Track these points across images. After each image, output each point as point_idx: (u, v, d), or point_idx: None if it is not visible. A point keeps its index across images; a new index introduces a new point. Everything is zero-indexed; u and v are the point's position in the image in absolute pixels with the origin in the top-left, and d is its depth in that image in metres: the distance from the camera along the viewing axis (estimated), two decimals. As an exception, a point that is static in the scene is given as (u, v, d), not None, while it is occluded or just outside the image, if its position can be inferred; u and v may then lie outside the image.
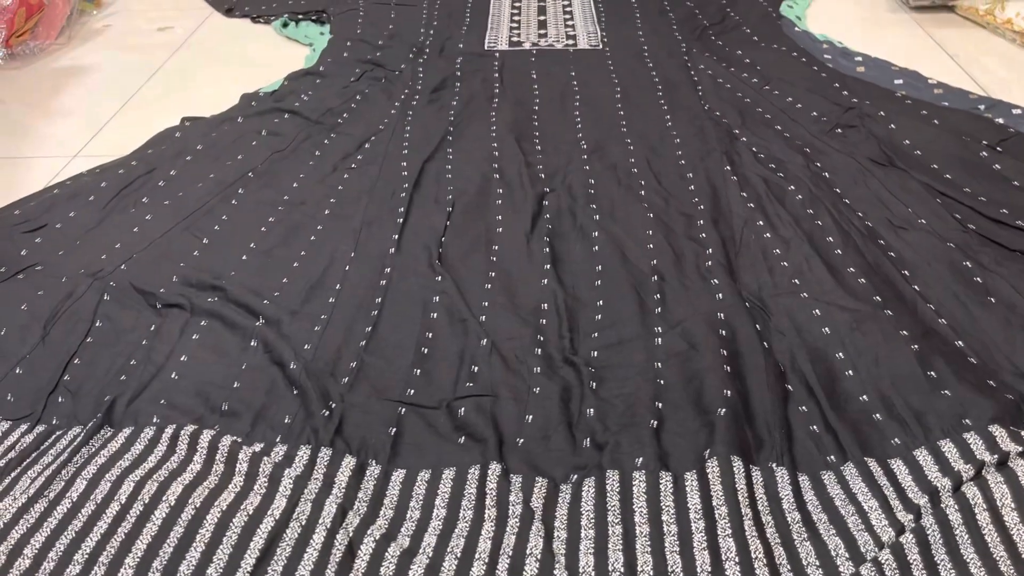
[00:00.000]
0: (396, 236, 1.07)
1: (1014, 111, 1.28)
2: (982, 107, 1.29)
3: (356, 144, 1.31)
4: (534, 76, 1.53)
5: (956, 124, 1.22)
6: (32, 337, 0.94)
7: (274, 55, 1.71)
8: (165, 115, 1.44)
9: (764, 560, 0.65)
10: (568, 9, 1.74)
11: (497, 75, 1.53)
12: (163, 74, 1.68)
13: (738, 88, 1.39)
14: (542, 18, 1.72)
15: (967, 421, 0.74)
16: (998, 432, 0.71)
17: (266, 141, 1.32)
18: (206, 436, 0.79)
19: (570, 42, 1.65)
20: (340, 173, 1.23)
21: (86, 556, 0.69)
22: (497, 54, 1.62)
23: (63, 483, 0.75)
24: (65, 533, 0.70)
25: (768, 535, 0.68)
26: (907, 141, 1.17)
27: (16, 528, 0.71)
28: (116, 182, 1.23)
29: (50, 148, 1.37)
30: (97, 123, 1.45)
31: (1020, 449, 0.69)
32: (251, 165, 1.25)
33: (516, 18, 1.73)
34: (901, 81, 1.38)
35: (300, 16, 1.85)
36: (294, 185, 1.21)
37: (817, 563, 0.66)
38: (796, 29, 1.62)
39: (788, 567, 0.66)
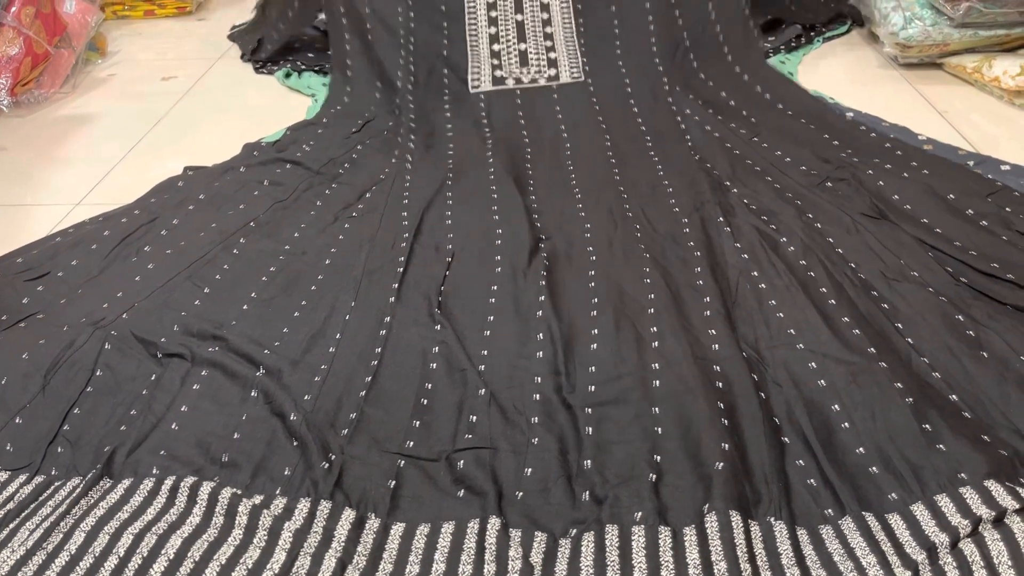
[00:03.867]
0: (396, 285, 1.07)
1: (1003, 167, 1.31)
2: (971, 163, 1.31)
3: (357, 194, 1.32)
4: (522, 122, 1.53)
5: (944, 176, 1.23)
6: (33, 386, 0.94)
7: (277, 105, 1.74)
8: (168, 164, 1.46)
9: None
10: (549, 32, 1.68)
11: (486, 120, 1.53)
12: (167, 123, 1.70)
13: (727, 139, 1.40)
14: (523, 46, 1.67)
15: (963, 475, 0.74)
16: (994, 487, 0.72)
17: (268, 191, 1.33)
18: (206, 488, 0.79)
19: (552, 72, 1.63)
20: (341, 223, 1.24)
21: None
22: (483, 96, 1.61)
23: (62, 535, 0.75)
24: None
25: None
26: (896, 196, 1.18)
27: None
28: (119, 231, 1.24)
29: (53, 196, 1.39)
30: (100, 171, 1.47)
31: (1016, 506, 0.69)
32: (253, 215, 1.26)
33: (496, 46, 1.67)
34: (892, 136, 1.41)
35: (303, 67, 1.88)
36: (295, 235, 1.21)
37: None
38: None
39: None
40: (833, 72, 1.66)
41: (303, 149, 1.46)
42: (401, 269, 1.10)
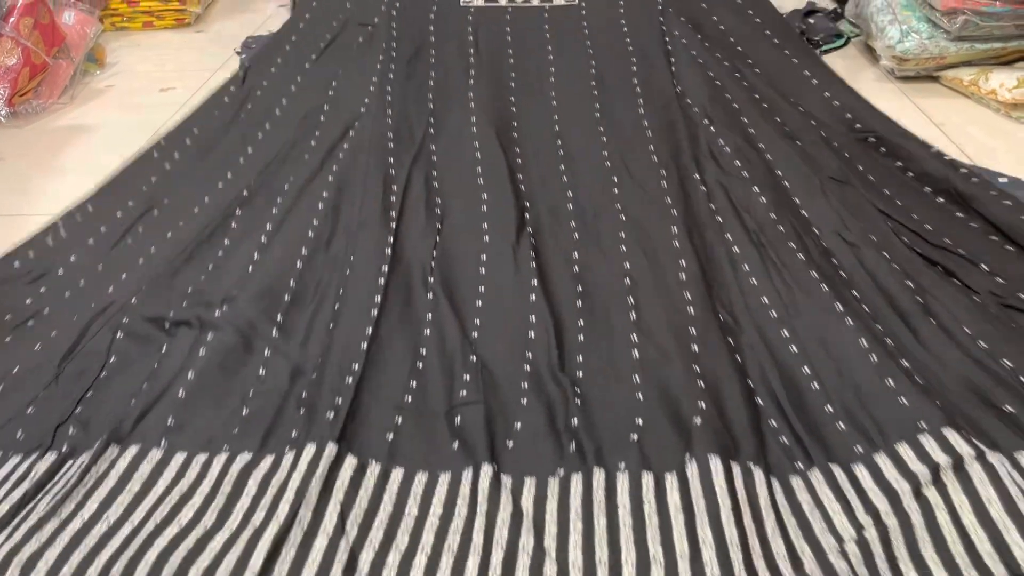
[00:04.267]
0: (389, 251, 1.09)
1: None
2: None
3: (341, 132, 1.30)
4: (509, 43, 1.51)
5: (913, 161, 1.26)
6: (46, 376, 0.95)
7: (275, 116, 1.73)
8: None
9: (739, 545, 0.70)
10: None
11: (472, 39, 1.50)
12: (165, 132, 1.70)
13: (709, 67, 1.40)
14: None
15: (922, 424, 0.79)
16: (951, 435, 0.77)
17: (252, 159, 1.31)
18: (219, 460, 0.83)
19: None
20: (330, 166, 1.24)
21: (99, 569, 0.72)
22: (472, 10, 1.57)
23: (74, 504, 0.78)
24: (78, 550, 0.74)
25: (745, 524, 0.72)
26: (860, 167, 1.21)
27: (28, 545, 0.74)
28: (115, 225, 1.23)
29: (50, 206, 1.38)
30: (97, 181, 1.46)
31: (973, 453, 0.74)
32: (244, 183, 1.25)
33: None
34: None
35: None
36: (285, 187, 1.22)
37: (786, 556, 0.71)
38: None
39: (760, 554, 0.71)
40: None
41: (281, 104, 1.42)
42: (392, 236, 1.11)
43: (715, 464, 0.76)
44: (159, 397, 0.90)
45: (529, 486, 0.79)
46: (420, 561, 0.73)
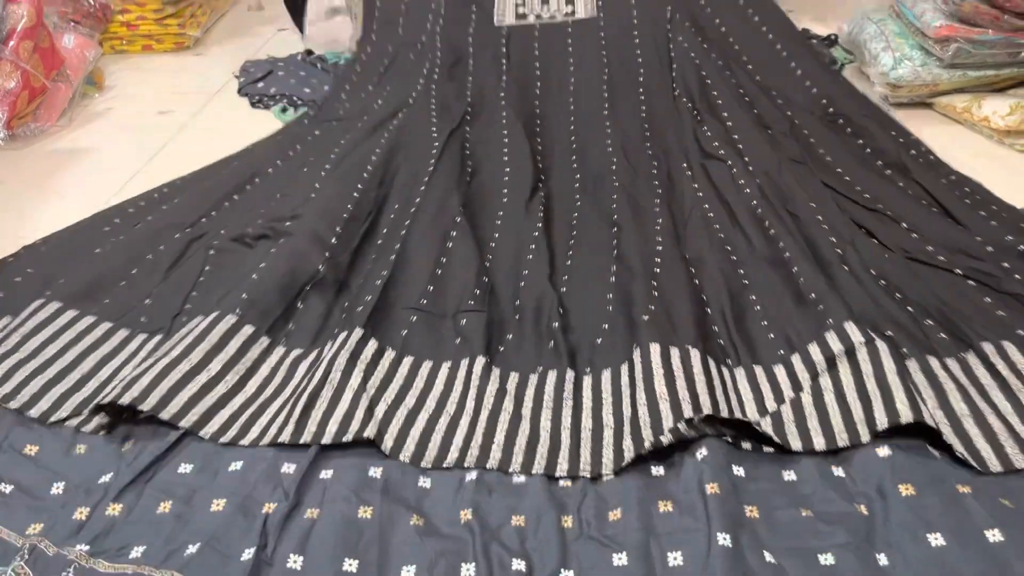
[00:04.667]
0: (427, 178, 1.34)
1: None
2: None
3: (392, 111, 1.55)
4: (536, 55, 1.74)
5: (871, 135, 1.46)
6: (156, 278, 1.20)
7: (272, 140, 1.74)
8: (164, 198, 1.45)
9: (667, 399, 0.90)
10: None
11: (504, 51, 1.74)
12: (163, 157, 1.71)
13: (704, 66, 1.60)
14: None
15: (829, 321, 1.00)
16: (849, 327, 0.97)
17: (318, 138, 1.58)
18: (277, 352, 1.06)
19: (569, 9, 1.80)
20: (380, 134, 1.48)
21: (187, 396, 0.96)
22: (504, 29, 1.79)
23: (165, 347, 1.03)
24: (167, 379, 0.96)
25: (677, 385, 0.91)
26: (822, 149, 1.42)
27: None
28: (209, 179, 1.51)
29: (48, 229, 1.38)
30: (95, 205, 1.47)
31: (863, 339, 0.95)
32: (305, 151, 1.51)
33: None
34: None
35: (299, 102, 1.89)
36: (341, 142, 1.47)
37: (711, 407, 0.89)
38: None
39: (688, 402, 0.89)
40: (825, 111, 1.68)
41: (345, 106, 1.69)
42: (431, 168, 1.36)
43: (654, 348, 0.96)
44: (241, 280, 1.13)
45: (513, 377, 1.00)
46: (423, 417, 0.94)
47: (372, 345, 1.03)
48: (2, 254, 1.31)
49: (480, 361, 1.00)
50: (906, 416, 0.85)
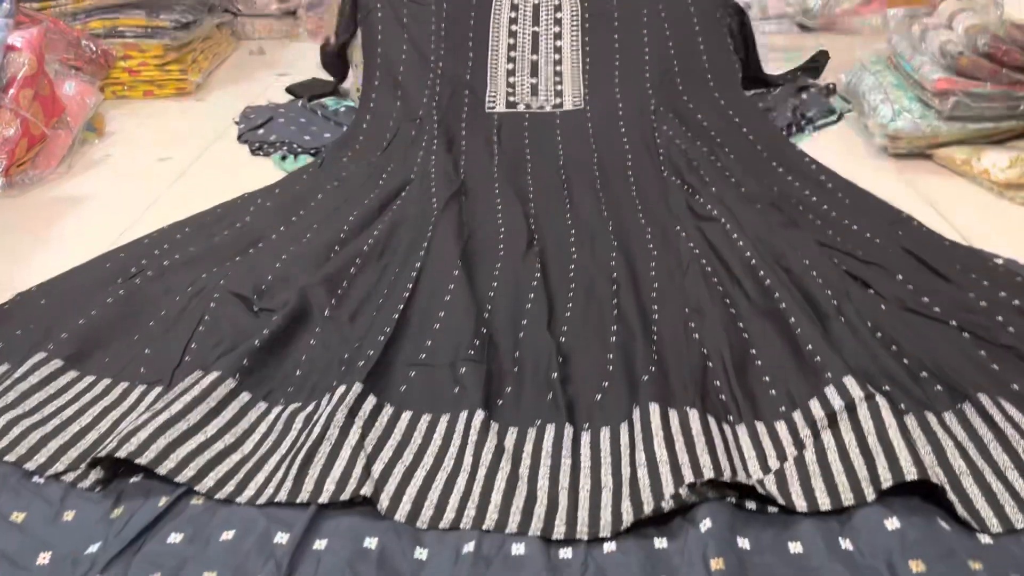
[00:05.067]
0: (426, 244, 1.37)
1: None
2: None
3: (396, 189, 1.60)
4: (527, 141, 1.82)
5: (858, 209, 1.47)
6: (157, 329, 1.21)
7: (271, 188, 1.73)
8: (161, 248, 1.44)
9: (667, 462, 0.89)
10: (559, 70, 1.96)
11: (496, 136, 1.81)
12: (161, 204, 1.70)
13: (690, 152, 1.66)
14: (534, 81, 1.95)
15: (828, 375, 1.00)
16: (848, 381, 0.97)
17: (321, 201, 1.58)
18: (275, 410, 1.05)
19: (557, 101, 1.92)
20: (385, 213, 1.52)
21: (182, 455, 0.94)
22: (496, 116, 1.88)
23: (164, 404, 1.01)
24: (164, 436, 0.95)
25: (676, 447, 0.91)
26: (811, 216, 1.45)
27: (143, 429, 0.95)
28: (205, 235, 1.49)
29: (44, 278, 1.37)
30: (92, 253, 1.45)
31: (863, 395, 0.95)
32: (311, 219, 1.51)
33: (512, 79, 1.95)
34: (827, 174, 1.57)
35: (299, 150, 1.89)
36: (350, 218, 1.48)
37: (711, 468, 0.87)
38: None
39: (688, 465, 0.88)
40: (825, 162, 1.68)
41: (349, 168, 1.72)
42: (425, 243, 1.38)
43: (653, 407, 0.96)
44: (241, 342, 1.13)
45: (511, 432, 0.99)
46: (420, 473, 0.94)
47: (371, 401, 1.03)
48: (-3, 304, 1.30)
49: (479, 415, 1.00)
50: (910, 474, 0.85)
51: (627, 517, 0.86)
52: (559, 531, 0.86)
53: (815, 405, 0.98)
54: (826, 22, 2.73)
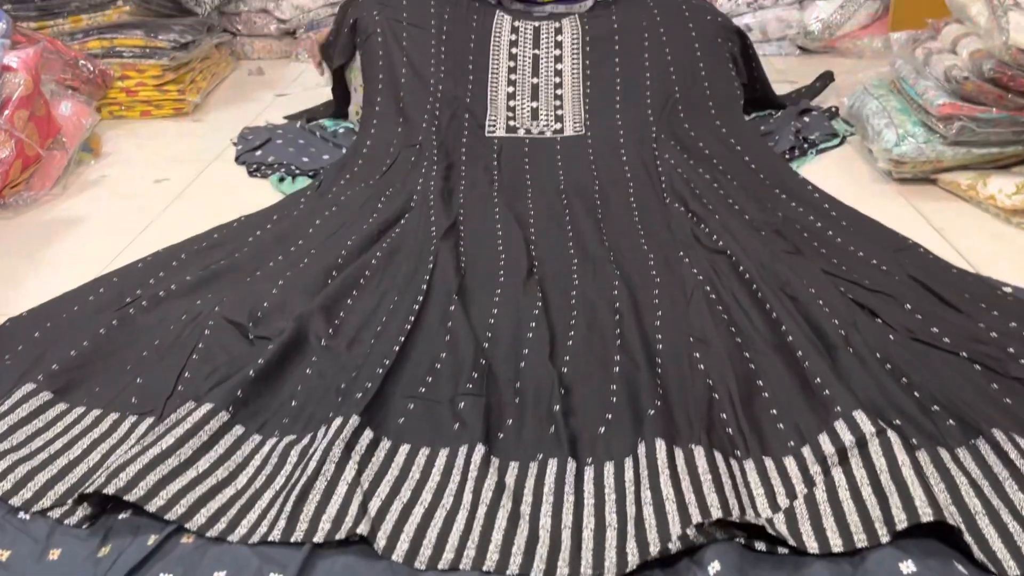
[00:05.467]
0: (427, 276, 1.34)
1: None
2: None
3: (395, 215, 1.57)
4: (527, 166, 1.79)
5: (863, 235, 1.45)
6: (151, 358, 1.18)
7: (269, 210, 1.71)
8: (155, 272, 1.41)
9: (674, 500, 0.86)
10: (559, 94, 1.94)
11: (496, 162, 1.79)
12: (157, 225, 1.68)
13: (692, 180, 1.64)
14: (534, 105, 1.93)
15: (838, 409, 0.97)
16: (859, 416, 0.95)
17: (318, 227, 1.55)
18: (269, 443, 1.02)
19: (558, 126, 1.90)
20: (383, 240, 1.48)
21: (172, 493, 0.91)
22: (496, 140, 1.87)
23: (155, 437, 0.98)
24: (154, 472, 0.92)
25: (682, 485, 0.88)
26: (815, 243, 1.42)
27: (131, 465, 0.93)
28: (197, 265, 1.44)
29: (37, 301, 1.35)
30: (87, 276, 1.43)
31: (874, 430, 0.92)
32: (309, 245, 1.48)
33: (512, 103, 1.93)
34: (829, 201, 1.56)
35: (297, 171, 1.87)
36: (348, 243, 1.45)
37: (719, 507, 0.85)
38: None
39: (695, 504, 0.85)
40: (828, 186, 1.66)
41: (346, 193, 1.69)
42: (428, 276, 1.35)
43: (659, 443, 0.94)
44: (236, 371, 1.11)
45: (513, 467, 0.97)
46: (418, 511, 0.91)
47: (368, 435, 1.00)
48: (-13, 330, 1.28)
49: (479, 450, 0.97)
50: (926, 515, 0.82)
51: (632, 559, 0.83)
52: (562, 572, 0.84)
53: (825, 440, 0.96)
54: (827, 45, 2.73)
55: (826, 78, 2.28)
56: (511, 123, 1.91)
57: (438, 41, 1.97)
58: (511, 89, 1.94)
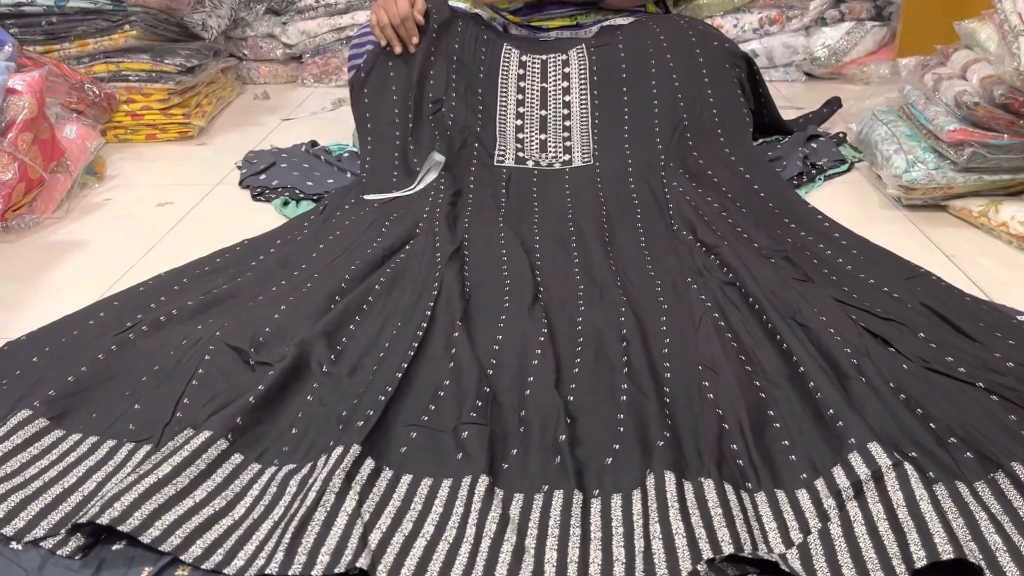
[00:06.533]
0: (432, 304, 1.33)
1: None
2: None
3: (400, 241, 1.56)
4: (535, 195, 1.80)
5: (873, 262, 1.44)
6: (150, 384, 1.17)
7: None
8: (156, 297, 1.40)
9: (684, 535, 0.84)
10: (568, 125, 1.95)
11: (504, 190, 1.80)
12: (160, 249, 1.67)
13: (700, 207, 1.63)
14: (543, 137, 1.94)
15: (852, 441, 0.95)
16: (874, 448, 0.93)
17: (322, 251, 1.54)
18: (268, 471, 1.01)
19: (567, 157, 1.91)
20: (386, 266, 1.48)
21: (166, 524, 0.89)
22: (505, 170, 1.88)
23: (151, 465, 0.96)
24: (148, 503, 0.90)
25: (692, 520, 0.86)
26: (825, 270, 1.41)
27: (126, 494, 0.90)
28: (195, 289, 1.44)
29: (38, 325, 1.33)
30: (88, 300, 1.42)
31: (891, 463, 0.90)
32: (312, 270, 1.47)
33: (521, 135, 1.94)
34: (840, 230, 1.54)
35: (301, 195, 1.86)
36: (352, 268, 1.45)
37: (731, 542, 0.82)
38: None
39: (706, 539, 0.83)
40: (837, 212, 1.65)
41: (350, 218, 1.69)
42: (432, 302, 1.34)
43: (669, 476, 0.91)
44: (235, 398, 1.08)
45: (517, 499, 0.95)
46: (420, 543, 0.89)
47: (369, 464, 0.98)
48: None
49: (483, 481, 0.95)
50: (946, 553, 0.80)
51: None
52: None
53: (839, 473, 0.93)
54: (834, 71, 2.72)
55: (834, 104, 2.27)
56: (520, 154, 1.92)
57: (448, 71, 1.97)
58: (519, 122, 1.95)
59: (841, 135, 2.04)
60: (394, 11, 1.87)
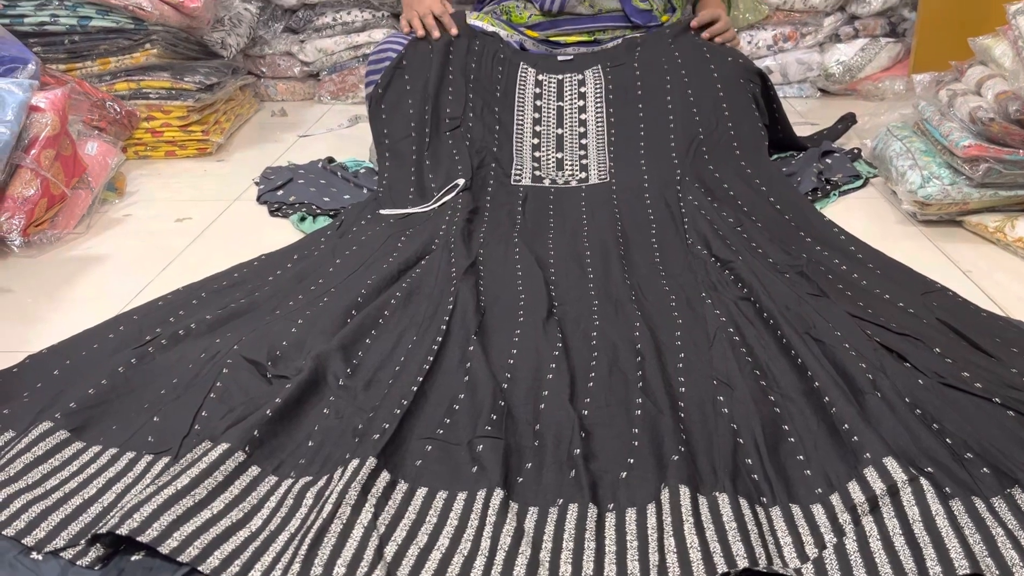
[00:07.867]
0: (447, 317, 1.33)
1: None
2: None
3: (415, 256, 1.58)
4: (551, 212, 1.81)
5: (888, 278, 1.44)
6: (169, 397, 1.18)
7: (289, 250, 1.72)
8: (175, 311, 1.41)
9: (699, 549, 0.84)
10: (584, 143, 1.97)
11: (520, 208, 1.80)
12: (178, 264, 1.69)
13: (715, 222, 1.64)
14: (559, 155, 1.96)
15: (867, 455, 0.95)
16: (890, 463, 0.92)
17: (338, 266, 1.56)
18: (285, 483, 1.01)
19: (583, 175, 1.92)
20: (402, 281, 1.49)
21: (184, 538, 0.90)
22: (521, 189, 1.89)
23: (170, 477, 0.97)
24: (167, 513, 0.92)
25: (707, 534, 0.86)
26: (840, 285, 1.41)
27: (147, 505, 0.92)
28: (216, 304, 1.45)
29: (57, 339, 1.35)
30: (107, 314, 1.43)
31: (906, 478, 0.90)
32: (329, 284, 1.49)
33: (537, 153, 1.96)
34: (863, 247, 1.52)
35: (318, 211, 1.88)
36: (368, 282, 1.46)
37: (745, 557, 0.82)
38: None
39: (720, 554, 0.83)
40: (852, 228, 1.65)
41: (367, 234, 1.70)
42: (447, 316, 1.34)
43: (683, 490, 0.91)
44: (253, 411, 1.09)
45: (532, 512, 0.95)
46: (435, 556, 0.89)
47: (385, 477, 0.99)
48: (8, 365, 1.27)
49: (498, 494, 0.95)
50: (962, 568, 0.80)
51: None
52: None
53: (854, 488, 0.93)
54: (848, 87, 2.73)
55: (848, 120, 2.27)
56: (536, 172, 1.94)
57: (465, 89, 2.00)
58: (536, 141, 1.97)
59: (856, 151, 2.04)
60: (426, 7, 1.99)
